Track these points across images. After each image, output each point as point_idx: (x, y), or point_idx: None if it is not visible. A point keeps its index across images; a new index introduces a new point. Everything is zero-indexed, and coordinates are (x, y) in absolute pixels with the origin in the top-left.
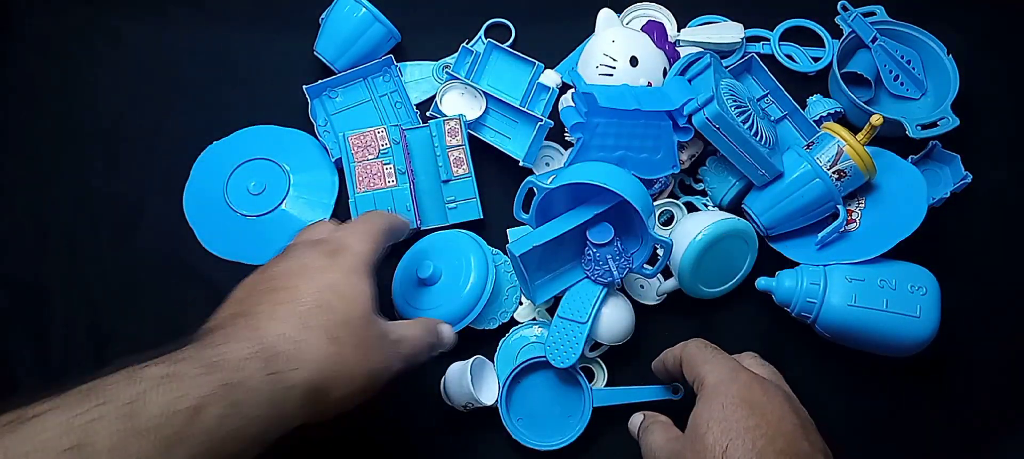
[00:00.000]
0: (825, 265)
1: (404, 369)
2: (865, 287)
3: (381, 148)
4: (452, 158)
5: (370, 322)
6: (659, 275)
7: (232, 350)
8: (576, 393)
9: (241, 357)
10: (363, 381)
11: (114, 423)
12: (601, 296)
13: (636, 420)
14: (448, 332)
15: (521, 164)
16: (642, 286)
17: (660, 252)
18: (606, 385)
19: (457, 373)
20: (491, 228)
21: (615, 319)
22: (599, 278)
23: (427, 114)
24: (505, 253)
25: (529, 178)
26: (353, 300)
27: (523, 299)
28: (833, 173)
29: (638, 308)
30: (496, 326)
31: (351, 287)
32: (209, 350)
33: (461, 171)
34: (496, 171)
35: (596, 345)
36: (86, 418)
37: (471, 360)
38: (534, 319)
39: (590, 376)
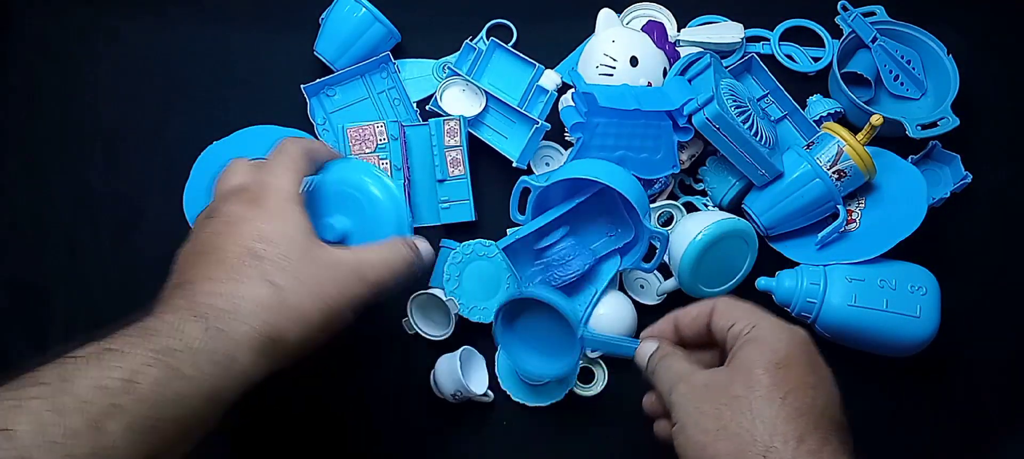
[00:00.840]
0: (825, 265)
1: (374, 296)
2: (865, 287)
3: (379, 142)
4: (449, 158)
5: (311, 255)
6: (659, 275)
7: (168, 317)
8: (568, 336)
9: (177, 321)
10: (319, 318)
11: (40, 405)
12: (595, 299)
13: (648, 348)
14: (425, 246)
15: (514, 165)
16: (642, 286)
17: (657, 247)
18: (606, 385)
19: (447, 363)
20: (489, 227)
21: (616, 319)
22: (565, 277)
23: (426, 108)
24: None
25: (523, 177)
26: (284, 239)
27: None
28: (833, 173)
29: (638, 308)
30: (491, 320)
31: (279, 227)
32: (147, 321)
33: (457, 172)
34: (495, 170)
35: None
36: (12, 403)
37: (460, 350)
38: None
39: (590, 376)
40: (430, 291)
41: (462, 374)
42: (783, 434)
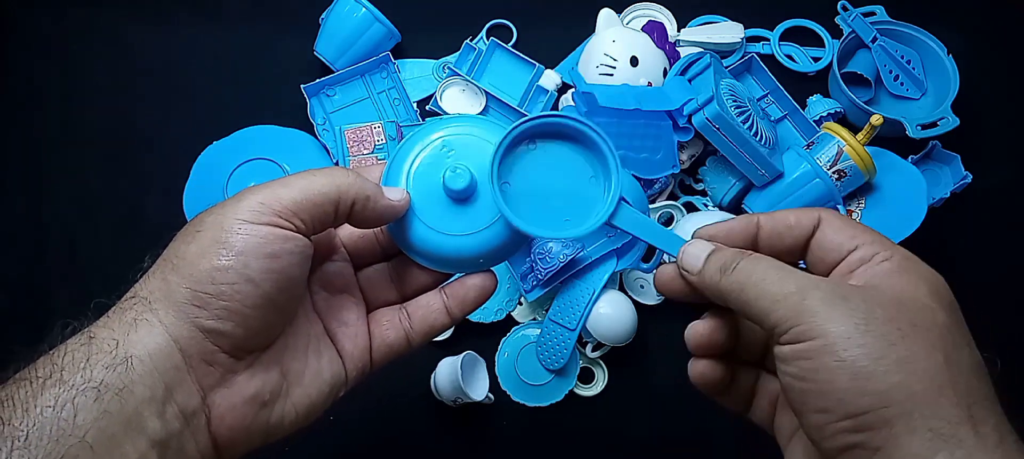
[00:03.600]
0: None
1: (308, 231)
2: None
3: (376, 143)
4: None
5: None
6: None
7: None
8: (593, 185)
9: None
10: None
11: None
12: (592, 301)
13: (705, 248)
14: (400, 193)
15: None
16: (642, 286)
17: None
18: (606, 386)
19: (447, 368)
20: None
21: (617, 320)
22: (548, 268)
23: (426, 108)
24: None
25: None
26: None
27: (521, 299)
28: (833, 173)
29: (638, 308)
30: (491, 320)
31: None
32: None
33: None
34: None
35: (598, 345)
36: None
37: (462, 355)
38: (534, 318)
39: (590, 376)
40: None
41: (463, 379)
42: (979, 392)
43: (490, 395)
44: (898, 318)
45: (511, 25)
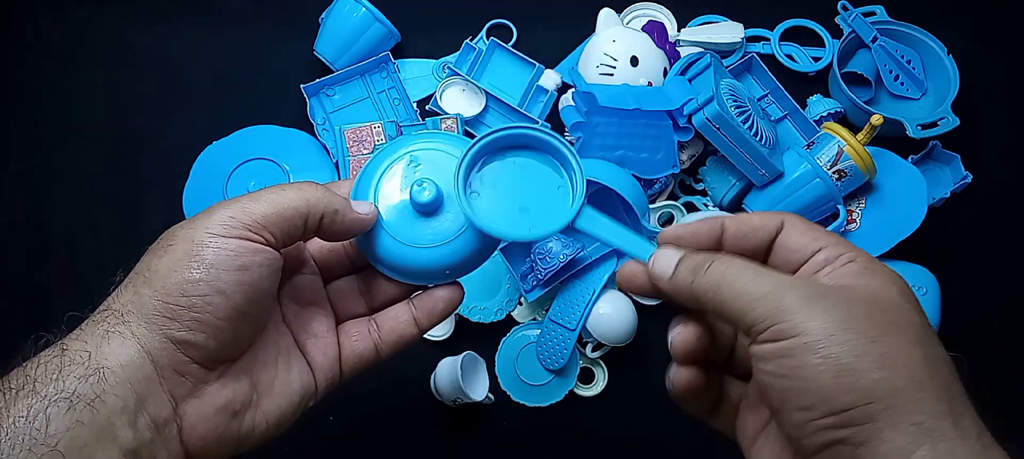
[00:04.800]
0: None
1: (277, 243)
2: None
3: (376, 143)
4: None
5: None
6: None
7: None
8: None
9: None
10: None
11: None
12: (592, 301)
13: (674, 255)
14: (368, 207)
15: None
16: None
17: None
18: (606, 386)
19: (447, 368)
20: None
21: (617, 320)
22: (549, 268)
23: (426, 108)
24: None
25: None
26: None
27: (521, 299)
28: (833, 173)
29: (638, 308)
30: (491, 320)
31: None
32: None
33: None
34: None
35: (598, 345)
36: None
37: (462, 355)
38: (534, 318)
39: (590, 376)
40: None
41: (463, 380)
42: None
43: (490, 395)
44: (875, 316)
45: (511, 25)
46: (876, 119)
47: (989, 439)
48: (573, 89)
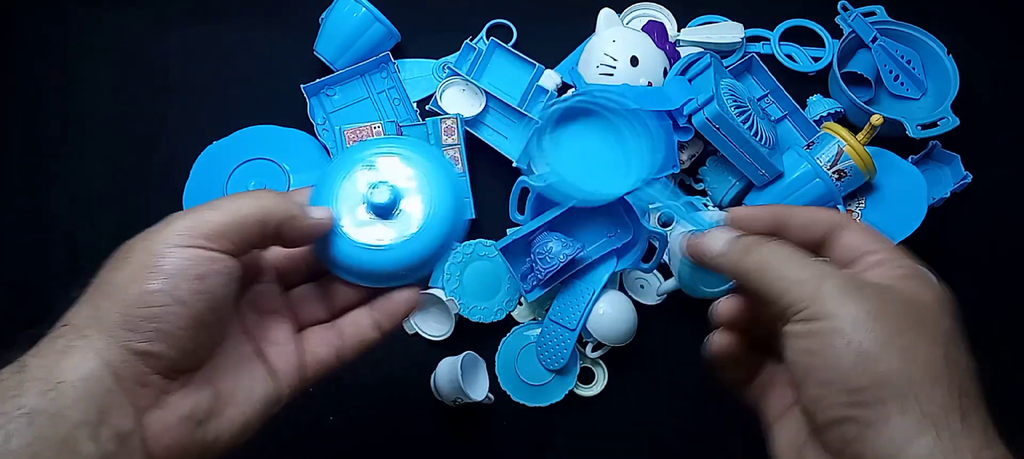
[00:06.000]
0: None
1: (237, 251)
2: None
3: None
4: (447, 157)
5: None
6: (659, 275)
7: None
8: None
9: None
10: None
11: None
12: (592, 301)
13: (729, 234)
14: (324, 212)
15: (515, 165)
16: (642, 286)
17: (656, 247)
18: (606, 386)
19: (447, 368)
20: (489, 227)
21: (617, 320)
22: (549, 268)
23: (426, 108)
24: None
25: (521, 178)
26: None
27: (521, 299)
28: (833, 173)
29: (638, 308)
30: (491, 320)
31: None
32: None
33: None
34: (495, 170)
35: (598, 345)
36: None
37: (462, 355)
38: (534, 318)
39: (590, 376)
40: (430, 291)
41: (463, 380)
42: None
43: (490, 395)
44: (907, 314)
45: (511, 25)
46: (876, 119)
47: (994, 438)
48: (573, 89)
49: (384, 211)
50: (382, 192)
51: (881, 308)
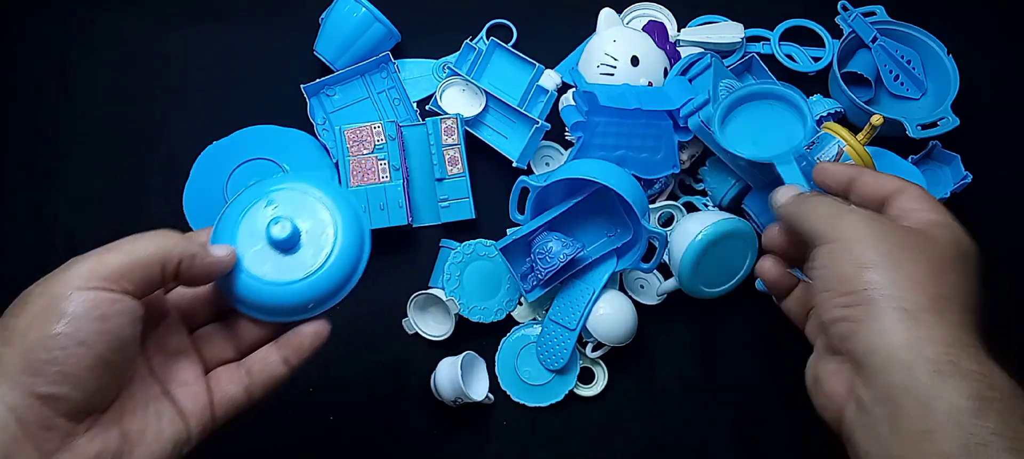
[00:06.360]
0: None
1: (136, 292)
2: None
3: (376, 143)
4: (447, 157)
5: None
6: (659, 275)
7: None
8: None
9: None
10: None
11: None
12: (592, 301)
13: (794, 190)
14: (226, 250)
15: (514, 165)
16: (642, 286)
17: (656, 247)
18: (606, 386)
19: (447, 368)
20: (489, 227)
21: (617, 320)
22: (549, 268)
23: (426, 108)
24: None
25: (521, 177)
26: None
27: (521, 299)
28: None
29: (638, 308)
30: (491, 320)
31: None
32: None
33: (455, 170)
34: (495, 170)
35: (598, 345)
36: None
37: (462, 355)
38: (534, 319)
39: (590, 376)
40: (430, 291)
41: (463, 379)
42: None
43: (490, 395)
44: (912, 244)
45: (511, 25)
46: (876, 119)
47: (967, 331)
48: (573, 89)
49: (285, 246)
50: (282, 227)
51: (888, 236)
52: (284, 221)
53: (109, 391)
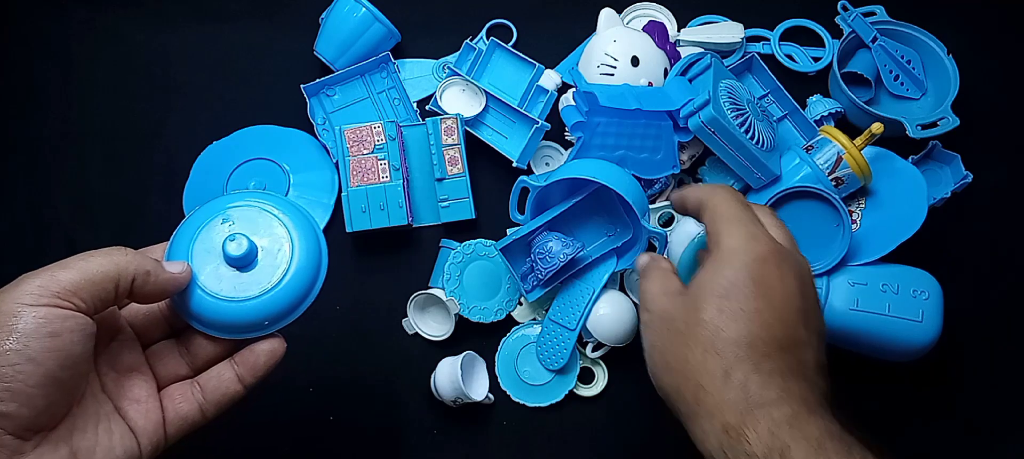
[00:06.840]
0: (827, 270)
1: (92, 311)
2: (867, 291)
3: (376, 143)
4: (447, 157)
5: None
6: None
7: None
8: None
9: None
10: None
11: None
12: (592, 301)
13: (643, 260)
14: (180, 266)
15: (514, 165)
16: None
17: (656, 246)
18: (606, 386)
19: (447, 368)
20: (489, 227)
21: (617, 321)
22: (549, 268)
23: (426, 108)
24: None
25: (521, 177)
26: None
27: (521, 299)
28: (832, 180)
29: (638, 308)
30: (491, 320)
31: None
32: None
33: (455, 170)
34: (495, 170)
35: (598, 345)
36: None
37: (462, 355)
38: (534, 319)
39: (590, 376)
40: (430, 291)
41: (463, 380)
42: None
43: (490, 395)
44: (685, 317)
45: (511, 25)
46: (876, 127)
47: (774, 370)
48: (573, 89)
49: (241, 263)
50: (238, 244)
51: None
52: (240, 238)
53: (59, 408)
